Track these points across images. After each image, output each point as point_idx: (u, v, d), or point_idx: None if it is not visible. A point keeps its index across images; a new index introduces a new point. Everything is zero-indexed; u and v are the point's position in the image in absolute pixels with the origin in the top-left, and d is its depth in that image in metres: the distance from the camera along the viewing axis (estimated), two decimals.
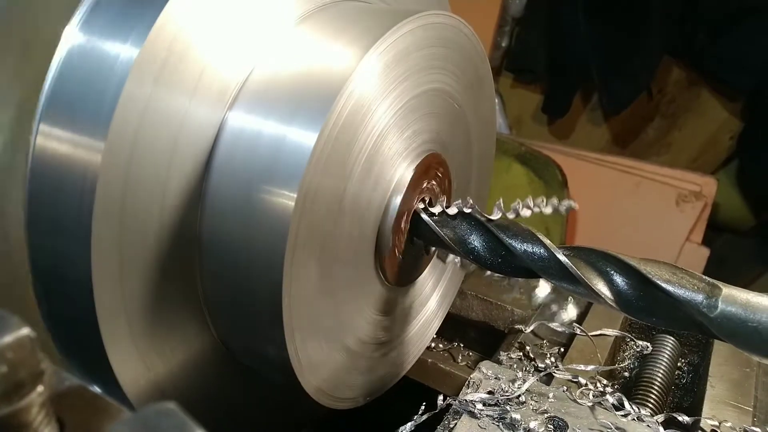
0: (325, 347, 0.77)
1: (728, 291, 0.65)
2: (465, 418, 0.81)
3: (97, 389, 0.69)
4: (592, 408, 0.84)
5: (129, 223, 0.63)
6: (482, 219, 0.77)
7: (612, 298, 0.70)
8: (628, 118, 3.24)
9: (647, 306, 0.69)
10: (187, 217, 0.68)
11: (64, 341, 0.70)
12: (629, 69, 3.01)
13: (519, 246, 0.73)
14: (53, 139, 0.61)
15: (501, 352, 1.04)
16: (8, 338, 0.36)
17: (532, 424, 0.80)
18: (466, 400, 0.83)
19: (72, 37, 0.62)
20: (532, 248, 0.73)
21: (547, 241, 0.72)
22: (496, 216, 0.78)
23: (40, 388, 0.38)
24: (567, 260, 0.70)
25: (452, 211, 0.80)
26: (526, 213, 0.81)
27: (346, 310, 0.78)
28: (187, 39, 0.63)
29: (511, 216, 0.79)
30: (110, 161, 0.59)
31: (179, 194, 0.67)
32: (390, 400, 0.95)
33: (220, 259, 0.70)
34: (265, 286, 0.67)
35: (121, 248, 0.63)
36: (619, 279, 0.70)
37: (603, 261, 0.71)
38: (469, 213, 0.79)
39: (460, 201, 0.80)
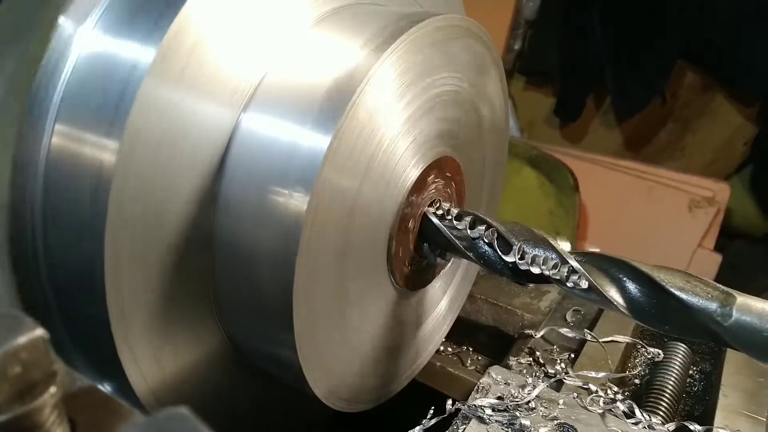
0: (335, 350, 0.77)
1: (743, 300, 0.64)
2: (474, 423, 0.81)
3: (107, 389, 0.70)
4: (602, 415, 0.83)
5: (143, 222, 0.63)
6: (493, 223, 0.77)
7: (624, 305, 0.69)
8: (641, 122, 3.21)
9: (660, 314, 0.68)
10: (201, 217, 0.68)
11: (76, 341, 0.70)
12: (643, 72, 2.99)
13: (530, 251, 0.73)
14: (69, 139, 0.62)
15: (511, 357, 1.03)
16: (22, 339, 0.36)
17: (542, 431, 0.79)
18: (475, 405, 0.83)
19: (88, 37, 0.62)
20: (544, 254, 0.73)
21: (559, 247, 0.72)
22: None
23: (52, 389, 0.38)
24: (579, 266, 0.70)
25: (461, 214, 0.79)
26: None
27: (356, 313, 0.78)
28: (202, 41, 0.63)
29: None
30: (125, 161, 0.59)
31: (193, 194, 0.67)
32: (399, 403, 0.94)
33: (232, 260, 0.70)
34: (277, 288, 0.67)
35: (135, 248, 0.63)
36: (631, 286, 0.69)
37: (615, 267, 0.71)
38: (481, 217, 0.78)
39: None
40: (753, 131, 3.07)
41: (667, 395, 0.94)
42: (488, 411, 0.82)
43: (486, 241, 0.77)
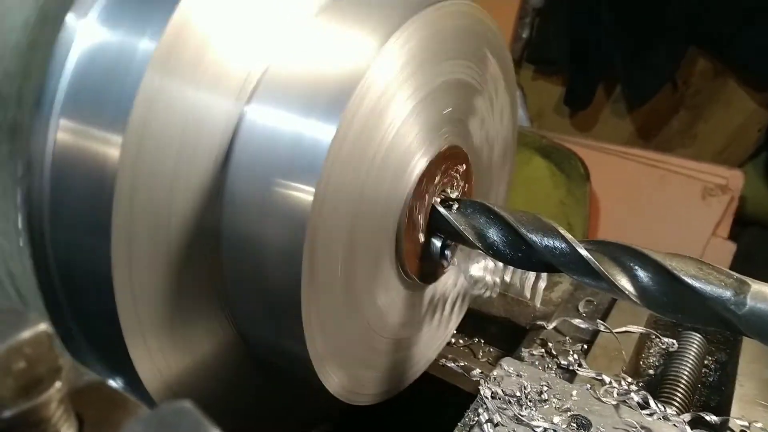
0: (345, 342, 0.77)
1: (757, 287, 0.63)
2: (486, 414, 0.80)
3: (116, 384, 0.70)
4: (616, 406, 0.82)
5: (148, 217, 0.63)
6: (502, 213, 0.76)
7: (635, 293, 0.68)
8: (652, 110, 3.18)
9: (672, 302, 0.67)
10: (206, 211, 0.68)
11: (86, 336, 0.70)
12: (653, 59, 2.95)
13: (539, 240, 0.72)
14: (73, 134, 0.61)
15: (523, 349, 1.03)
16: (26, 334, 0.36)
17: (556, 419, 0.78)
18: (487, 396, 0.82)
19: (90, 30, 0.62)
20: (553, 243, 0.72)
21: (569, 236, 0.71)
22: None
23: (58, 384, 0.38)
24: (589, 255, 0.69)
25: (469, 204, 0.79)
26: None
27: (365, 305, 0.78)
28: (205, 32, 0.63)
29: None
30: (129, 155, 0.59)
31: (198, 188, 0.67)
32: (410, 396, 0.94)
33: (238, 254, 0.70)
34: (284, 282, 0.67)
35: (141, 242, 0.63)
36: (642, 274, 0.68)
37: (626, 256, 0.70)
38: (489, 206, 0.77)
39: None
40: (767, 117, 3.03)
41: (682, 386, 0.93)
42: (501, 403, 0.81)
43: (494, 230, 0.76)
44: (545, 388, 0.84)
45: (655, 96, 3.06)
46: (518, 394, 0.83)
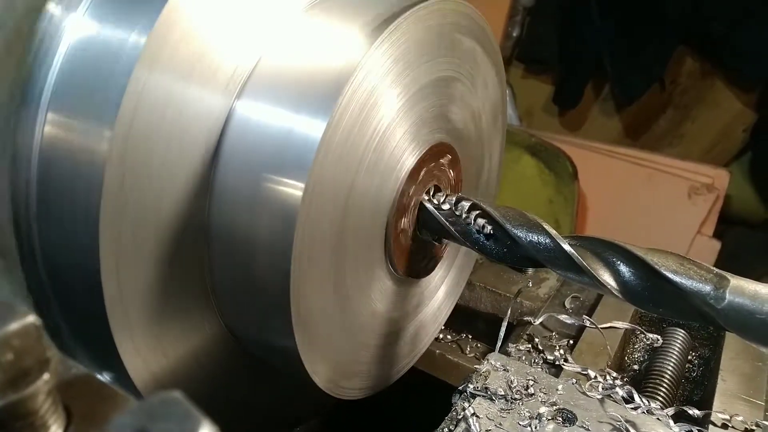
0: (333, 337, 0.77)
1: (736, 282, 0.64)
2: (472, 408, 0.81)
3: (106, 378, 0.70)
4: (601, 401, 0.83)
5: (137, 211, 0.63)
6: (488, 209, 0.76)
7: (617, 288, 0.69)
8: (640, 109, 3.20)
9: (653, 296, 0.68)
10: (196, 206, 0.68)
11: (73, 329, 0.70)
12: (642, 59, 2.97)
13: (524, 236, 0.73)
14: (61, 128, 0.61)
15: (510, 344, 1.03)
16: (14, 326, 0.36)
17: (542, 409, 0.79)
18: (474, 391, 0.83)
19: (79, 24, 0.62)
20: (538, 238, 0.73)
21: (553, 231, 0.72)
22: None
23: (46, 376, 0.38)
24: (572, 250, 0.70)
25: (456, 200, 0.79)
26: None
27: (354, 300, 0.78)
28: (195, 27, 0.63)
29: None
30: (117, 149, 0.59)
31: (187, 183, 0.67)
32: (398, 390, 0.94)
33: (228, 249, 0.70)
34: (273, 276, 0.67)
35: (129, 237, 0.63)
36: (625, 269, 0.69)
37: (609, 251, 0.71)
38: (475, 203, 0.78)
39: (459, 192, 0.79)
40: (753, 117, 3.06)
41: (666, 380, 0.94)
42: (487, 397, 0.82)
43: (480, 226, 0.76)
44: (531, 383, 0.85)
45: (644, 95, 3.09)
46: (505, 388, 0.84)
